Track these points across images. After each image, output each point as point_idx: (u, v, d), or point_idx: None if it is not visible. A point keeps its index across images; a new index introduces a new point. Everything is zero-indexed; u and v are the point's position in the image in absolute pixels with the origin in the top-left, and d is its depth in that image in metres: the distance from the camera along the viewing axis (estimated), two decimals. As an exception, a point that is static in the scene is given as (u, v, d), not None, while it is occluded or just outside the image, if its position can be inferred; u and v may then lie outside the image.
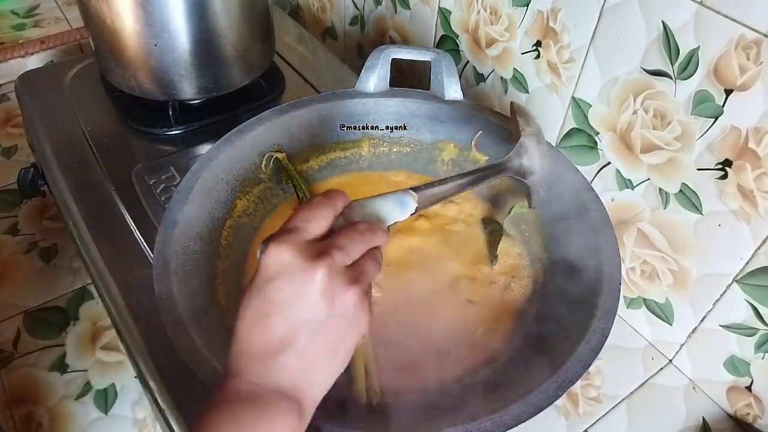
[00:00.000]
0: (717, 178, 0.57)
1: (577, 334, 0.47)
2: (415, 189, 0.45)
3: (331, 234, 0.39)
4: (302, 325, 0.36)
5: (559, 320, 0.52)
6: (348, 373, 0.50)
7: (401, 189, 0.44)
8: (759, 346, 0.59)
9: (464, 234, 0.65)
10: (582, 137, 0.69)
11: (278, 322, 0.36)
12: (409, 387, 0.50)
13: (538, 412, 0.42)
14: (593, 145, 0.68)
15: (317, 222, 0.39)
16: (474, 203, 0.68)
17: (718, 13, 0.52)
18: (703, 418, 0.64)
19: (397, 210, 0.43)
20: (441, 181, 0.48)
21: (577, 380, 0.44)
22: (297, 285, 0.36)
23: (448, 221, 0.66)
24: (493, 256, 0.62)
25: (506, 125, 0.66)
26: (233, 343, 0.37)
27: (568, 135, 0.71)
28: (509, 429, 0.42)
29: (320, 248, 0.37)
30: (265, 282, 0.37)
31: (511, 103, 0.59)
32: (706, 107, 0.55)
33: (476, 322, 0.56)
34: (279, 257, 0.36)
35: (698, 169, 0.58)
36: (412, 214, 0.44)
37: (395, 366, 0.52)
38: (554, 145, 0.73)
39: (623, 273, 0.68)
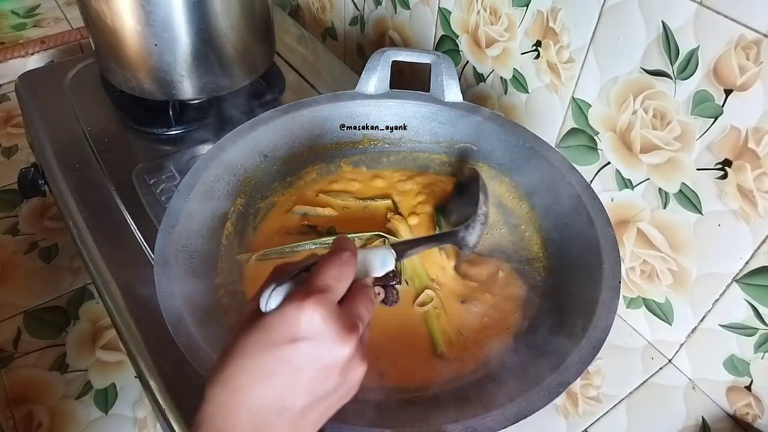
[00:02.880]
0: (717, 178, 0.57)
1: (578, 331, 0.48)
2: (394, 247, 0.46)
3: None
4: (308, 394, 0.34)
5: (559, 318, 0.52)
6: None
7: (383, 247, 0.46)
8: (759, 346, 0.59)
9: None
10: (582, 137, 0.70)
11: (286, 385, 0.34)
12: (411, 385, 0.50)
13: (540, 409, 0.42)
14: (593, 145, 0.69)
15: (345, 282, 0.37)
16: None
17: (717, 13, 0.52)
18: (703, 417, 0.64)
19: (378, 266, 0.44)
20: (413, 243, 0.51)
21: (577, 377, 0.44)
22: (321, 354, 0.34)
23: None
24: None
25: (504, 126, 0.67)
26: (230, 378, 0.34)
27: (568, 135, 0.71)
28: (511, 425, 0.42)
29: (350, 321, 0.35)
30: (285, 340, 0.34)
31: (478, 174, 0.59)
32: (706, 107, 0.55)
33: (478, 320, 0.56)
34: (311, 320, 0.34)
35: (698, 169, 0.58)
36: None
37: (397, 364, 0.52)
38: (554, 145, 0.73)
39: (623, 273, 0.68)
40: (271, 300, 0.35)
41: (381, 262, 0.44)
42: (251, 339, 0.34)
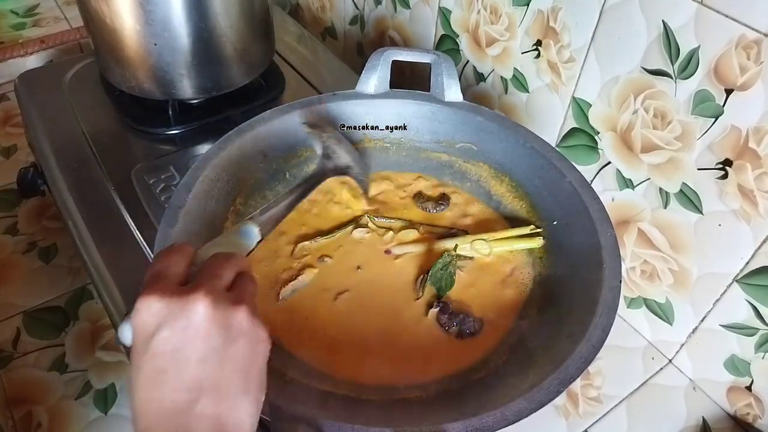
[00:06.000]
0: (717, 178, 0.57)
1: (578, 330, 0.48)
2: (252, 217, 0.48)
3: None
4: (203, 365, 0.33)
5: (560, 317, 0.52)
6: None
7: (243, 224, 0.48)
8: (759, 346, 0.59)
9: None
10: (582, 137, 0.70)
11: (177, 373, 0.33)
12: (410, 383, 0.50)
13: (540, 408, 0.42)
14: (593, 145, 0.69)
15: (175, 265, 0.37)
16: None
17: (718, 12, 0.52)
18: (703, 417, 0.64)
19: (243, 241, 0.46)
20: (274, 202, 0.51)
21: (578, 376, 0.44)
22: (182, 326, 0.33)
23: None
24: (421, 288, 0.58)
25: (504, 125, 0.67)
26: (137, 423, 0.33)
27: (569, 135, 0.71)
28: (511, 424, 0.42)
29: (190, 286, 0.35)
30: (146, 340, 0.33)
31: (303, 124, 0.63)
32: (707, 107, 0.55)
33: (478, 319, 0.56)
34: (150, 309, 0.34)
35: (698, 169, 0.58)
36: (260, 240, 0.47)
37: (396, 362, 0.52)
38: (554, 145, 0.73)
39: (623, 273, 0.68)
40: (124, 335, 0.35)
41: (241, 237, 0.46)
42: (132, 361, 0.34)
